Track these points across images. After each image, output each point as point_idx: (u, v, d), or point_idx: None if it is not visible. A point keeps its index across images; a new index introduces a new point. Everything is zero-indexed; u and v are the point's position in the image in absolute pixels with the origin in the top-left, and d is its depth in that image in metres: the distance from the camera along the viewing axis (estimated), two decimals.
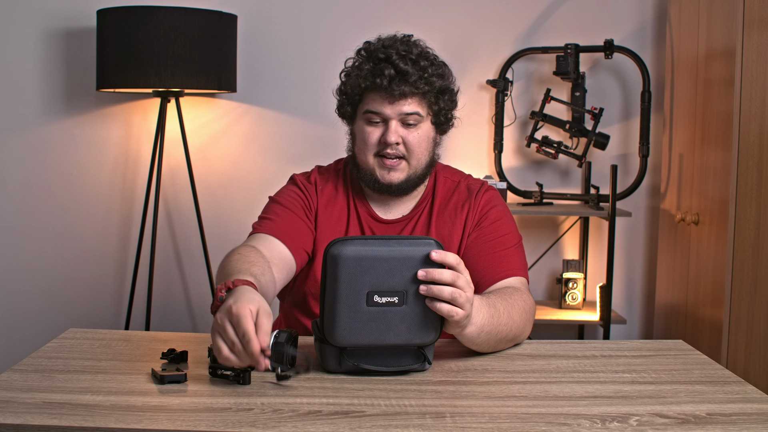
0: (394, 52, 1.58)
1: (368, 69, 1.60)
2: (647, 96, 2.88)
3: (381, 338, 1.25)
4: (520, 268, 1.62)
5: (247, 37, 3.00)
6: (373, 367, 1.29)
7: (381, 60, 1.59)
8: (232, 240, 3.08)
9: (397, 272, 1.23)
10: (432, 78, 1.60)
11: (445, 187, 1.72)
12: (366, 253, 1.22)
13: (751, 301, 2.33)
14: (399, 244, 1.24)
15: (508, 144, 3.05)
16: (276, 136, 3.07)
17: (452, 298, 1.24)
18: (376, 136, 1.61)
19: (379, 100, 1.59)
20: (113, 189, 3.08)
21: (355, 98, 1.64)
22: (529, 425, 1.10)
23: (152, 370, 1.28)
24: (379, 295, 1.23)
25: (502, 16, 3.02)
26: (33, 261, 3.09)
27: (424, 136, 1.63)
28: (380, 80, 1.57)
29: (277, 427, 1.08)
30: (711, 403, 1.21)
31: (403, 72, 1.57)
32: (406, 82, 1.57)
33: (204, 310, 3.11)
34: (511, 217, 1.71)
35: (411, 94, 1.58)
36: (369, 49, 1.64)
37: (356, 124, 1.67)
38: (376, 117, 1.61)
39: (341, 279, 1.22)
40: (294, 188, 1.71)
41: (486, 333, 1.37)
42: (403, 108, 1.59)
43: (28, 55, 3.04)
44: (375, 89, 1.59)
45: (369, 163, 1.63)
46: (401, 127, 1.60)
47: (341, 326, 1.24)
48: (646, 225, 3.11)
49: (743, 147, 2.31)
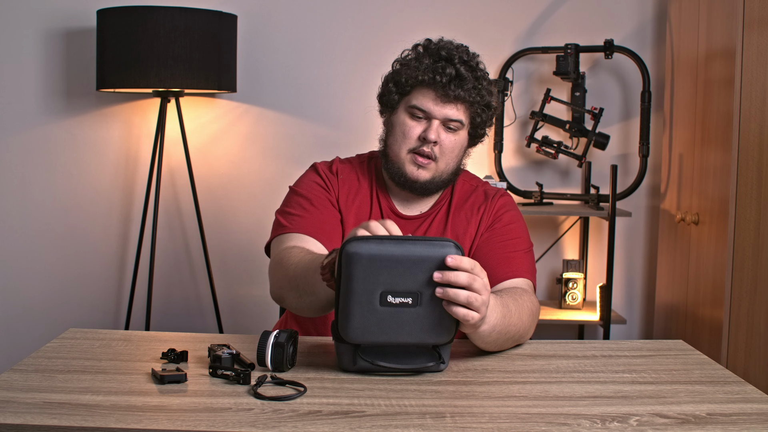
0: (456, 55, 1.60)
1: (428, 64, 1.60)
2: (647, 96, 2.88)
3: (394, 337, 1.25)
4: (528, 271, 1.63)
5: (247, 37, 3.00)
6: (388, 364, 1.28)
7: (443, 58, 1.60)
8: (232, 240, 3.09)
9: (412, 273, 1.22)
10: (483, 91, 1.62)
11: (463, 189, 1.74)
12: (381, 253, 1.21)
13: (751, 301, 2.33)
14: (415, 245, 1.23)
15: (508, 144, 3.05)
16: (276, 136, 3.07)
17: (468, 302, 1.23)
18: (417, 131, 1.62)
19: (431, 97, 1.60)
20: (113, 189, 3.08)
21: (406, 89, 1.63)
22: (529, 425, 1.10)
23: (152, 370, 1.28)
24: (393, 296, 1.22)
25: (502, 16, 3.02)
26: (33, 261, 3.09)
27: (459, 144, 1.64)
28: (439, 78, 1.57)
29: (277, 427, 1.08)
30: (711, 403, 1.21)
31: (462, 76, 1.58)
32: (462, 87, 1.58)
33: (204, 310, 3.11)
34: (523, 223, 1.72)
35: (462, 101, 1.60)
36: (430, 46, 1.64)
37: (396, 114, 1.66)
38: (420, 113, 1.61)
39: (355, 278, 1.22)
40: (317, 179, 1.71)
41: (497, 332, 1.38)
42: (449, 112, 1.60)
43: (28, 55, 3.04)
44: (430, 86, 1.59)
45: (401, 156, 1.63)
46: (441, 130, 1.61)
47: (354, 324, 1.24)
48: (646, 225, 3.11)
49: (743, 147, 2.31)
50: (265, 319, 3.00)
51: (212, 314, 3.02)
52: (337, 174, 1.71)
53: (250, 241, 3.05)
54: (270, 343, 1.29)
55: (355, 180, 1.72)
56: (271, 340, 1.30)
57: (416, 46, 1.66)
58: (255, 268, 3.08)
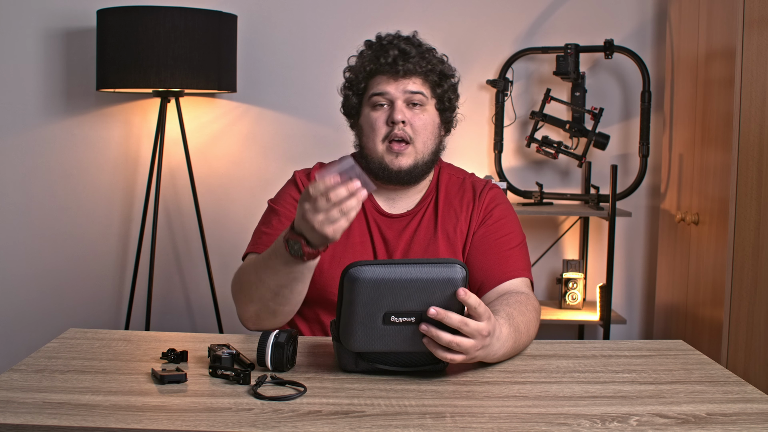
0: (397, 39, 1.65)
1: (371, 54, 1.66)
2: (647, 96, 2.88)
3: (397, 348, 1.25)
4: (525, 269, 1.63)
5: (247, 37, 3.00)
6: (389, 367, 1.28)
7: (384, 45, 1.65)
8: (232, 240, 3.09)
9: (416, 296, 1.22)
10: (433, 60, 1.66)
11: (450, 182, 1.73)
12: (385, 276, 1.21)
13: (751, 301, 2.33)
14: (420, 268, 1.21)
15: (508, 144, 3.05)
16: (276, 136, 3.07)
17: (449, 345, 1.23)
18: (382, 119, 1.63)
19: (384, 80, 1.64)
20: (113, 189, 3.08)
21: (360, 86, 1.67)
22: (529, 425, 1.10)
23: (152, 370, 1.28)
24: (396, 316, 1.23)
25: (502, 16, 3.02)
26: (33, 261, 3.09)
27: (430, 120, 1.65)
28: (384, 59, 1.62)
29: (277, 427, 1.08)
30: (711, 403, 1.21)
31: (405, 51, 1.63)
32: (409, 59, 1.62)
33: (204, 310, 3.11)
34: (514, 215, 1.72)
35: (415, 73, 1.63)
36: (372, 41, 1.70)
37: (362, 114, 1.68)
38: (381, 99, 1.63)
39: (359, 302, 1.22)
40: (293, 191, 1.70)
41: (506, 356, 1.39)
42: (407, 86, 1.63)
43: (28, 55, 3.04)
44: (379, 72, 1.64)
45: (378, 151, 1.64)
46: (407, 109, 1.63)
47: (357, 339, 1.25)
48: (646, 225, 3.11)
49: (743, 147, 2.31)
50: None
51: (212, 314, 3.02)
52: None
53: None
54: (270, 343, 1.29)
55: None
56: (271, 340, 1.30)
57: (360, 48, 1.72)
58: None
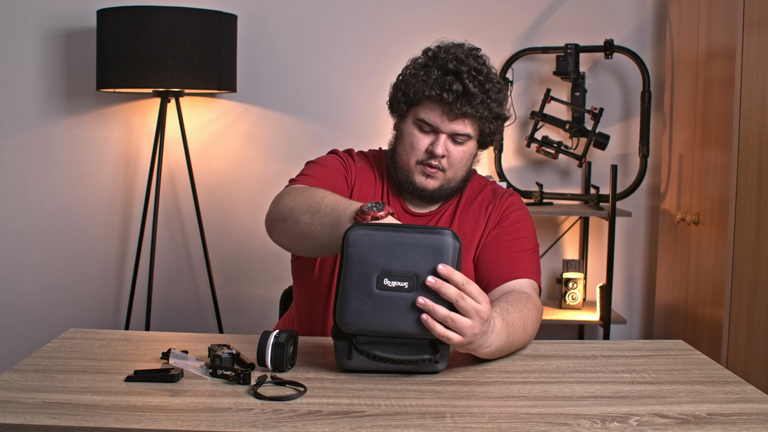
0: (465, 69, 1.57)
1: (435, 78, 1.57)
2: (647, 96, 2.88)
3: (390, 325, 1.25)
4: (533, 272, 1.63)
5: (247, 37, 3.00)
6: (384, 354, 1.28)
7: (450, 72, 1.57)
8: (232, 240, 3.09)
9: (409, 258, 1.24)
10: (493, 104, 1.60)
11: (472, 188, 1.74)
12: (379, 237, 1.25)
13: (751, 301, 2.33)
14: (413, 231, 1.26)
15: (508, 144, 3.05)
16: (276, 136, 3.07)
17: (444, 320, 1.23)
18: (424, 144, 1.61)
19: (438, 113, 1.59)
20: (113, 189, 3.08)
21: (414, 101, 1.62)
22: (529, 425, 1.10)
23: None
24: (390, 279, 1.24)
25: (502, 16, 3.02)
26: (33, 261, 3.09)
27: (468, 154, 1.64)
28: (446, 95, 1.56)
29: (277, 427, 1.08)
30: (711, 403, 1.21)
31: (470, 93, 1.56)
32: (470, 104, 1.57)
33: (204, 310, 3.11)
34: (531, 223, 1.72)
35: (470, 116, 1.59)
36: (439, 55, 1.61)
37: (405, 123, 1.66)
38: (428, 127, 1.61)
39: (354, 258, 1.25)
40: (335, 157, 1.72)
41: (500, 351, 1.38)
42: (457, 127, 1.59)
43: (28, 55, 3.04)
44: (437, 101, 1.58)
45: (410, 166, 1.64)
46: (449, 142, 1.61)
47: (351, 309, 1.25)
48: (646, 225, 3.11)
49: (743, 147, 2.31)
50: (265, 319, 3.00)
51: (212, 314, 3.02)
52: (355, 161, 1.73)
53: (250, 241, 3.05)
54: (270, 343, 1.30)
55: (370, 173, 1.73)
56: (271, 340, 1.30)
57: (426, 51, 1.64)
58: (255, 268, 3.08)
